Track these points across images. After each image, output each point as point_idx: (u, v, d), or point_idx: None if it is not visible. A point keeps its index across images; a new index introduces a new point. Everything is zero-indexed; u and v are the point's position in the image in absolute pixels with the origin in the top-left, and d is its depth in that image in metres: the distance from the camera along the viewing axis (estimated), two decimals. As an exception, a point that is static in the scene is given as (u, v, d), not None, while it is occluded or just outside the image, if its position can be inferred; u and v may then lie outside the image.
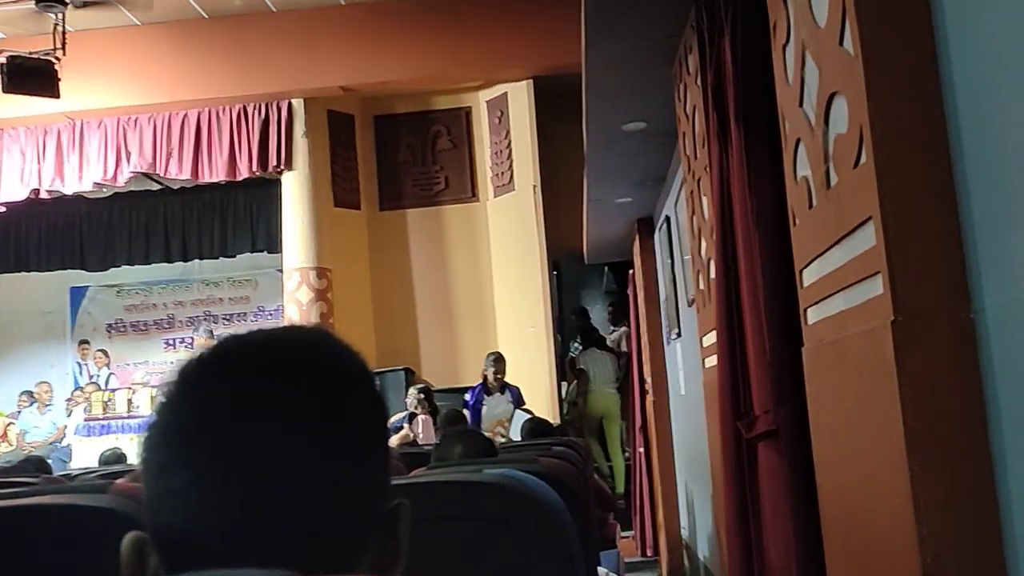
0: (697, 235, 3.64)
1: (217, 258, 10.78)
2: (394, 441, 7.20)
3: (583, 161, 8.03)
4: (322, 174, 8.66)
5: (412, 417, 7.35)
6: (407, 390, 7.98)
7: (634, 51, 3.55)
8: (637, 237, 6.70)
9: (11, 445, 9.15)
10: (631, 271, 7.92)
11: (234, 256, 10.50)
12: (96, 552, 1.32)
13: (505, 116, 8.82)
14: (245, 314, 11.16)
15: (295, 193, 8.52)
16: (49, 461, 5.12)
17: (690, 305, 4.32)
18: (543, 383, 8.14)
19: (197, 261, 10.91)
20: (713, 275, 2.86)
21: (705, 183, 3.20)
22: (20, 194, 8.27)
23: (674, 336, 5.42)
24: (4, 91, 7.01)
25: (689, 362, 4.68)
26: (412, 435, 7.29)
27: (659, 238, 6.10)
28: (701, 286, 3.64)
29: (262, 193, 9.77)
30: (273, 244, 9.79)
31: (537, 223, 8.42)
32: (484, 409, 6.62)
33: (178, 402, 0.71)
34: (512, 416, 6.26)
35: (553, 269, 9.27)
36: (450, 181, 9.14)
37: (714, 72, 2.67)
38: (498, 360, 6.85)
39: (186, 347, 10.88)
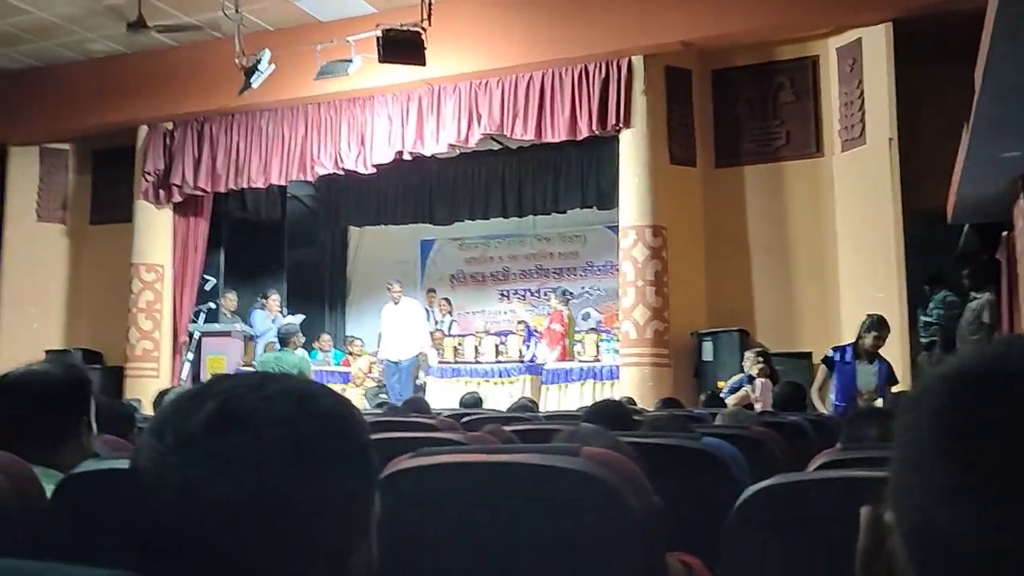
0: None
1: (549, 214, 11.18)
2: (731, 401, 7.05)
3: (948, 111, 7.32)
4: (658, 131, 8.55)
5: (751, 379, 7.16)
6: (741, 352, 7.85)
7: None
8: (1022, 194, 5.91)
9: (374, 381, 10.18)
10: (1004, 233, 7.04)
11: (565, 212, 10.83)
12: (567, 513, 1.38)
13: (858, 64, 8.15)
14: (575, 269, 11.56)
15: (631, 151, 8.50)
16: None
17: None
18: (895, 355, 7.49)
19: (531, 216, 11.40)
20: None
21: None
22: (387, 156, 9.03)
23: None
24: (380, 61, 7.62)
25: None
26: (751, 398, 7.10)
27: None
28: None
29: (594, 151, 9.92)
30: (603, 200, 9.97)
31: (892, 179, 7.73)
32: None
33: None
34: (875, 391, 5.71)
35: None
36: (792, 136, 8.65)
37: None
38: (881, 325, 5.82)
39: (519, 298, 11.44)
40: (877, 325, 5.74)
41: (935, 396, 0.58)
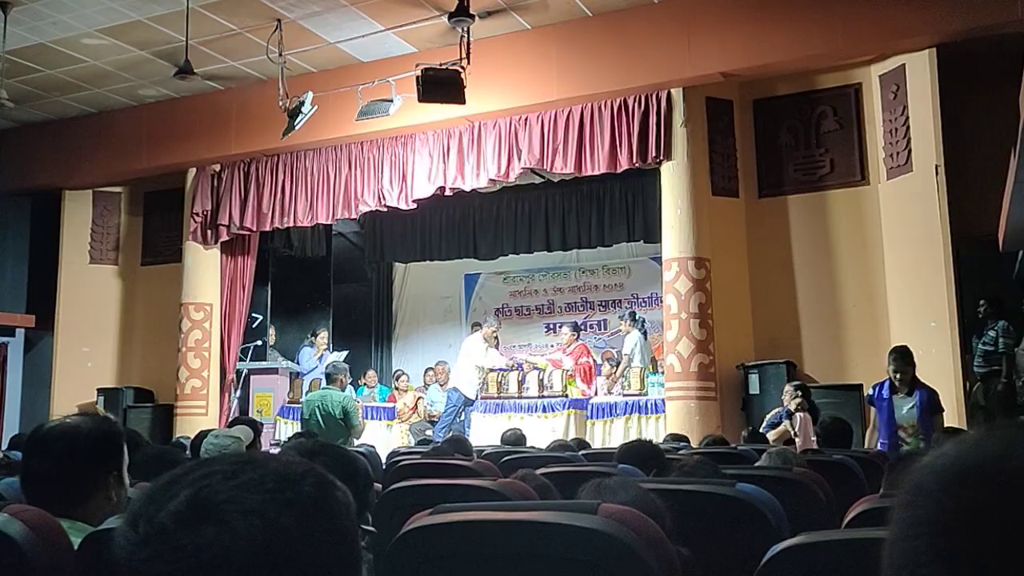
0: None
1: (594, 247, 11.18)
2: (771, 437, 6.93)
3: (996, 135, 7.17)
4: (700, 162, 8.50)
5: (790, 414, 7.01)
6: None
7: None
8: (1075, 222, 5.74)
9: (419, 416, 10.18)
10: (1060, 260, 6.84)
11: (610, 245, 10.84)
12: (584, 572, 1.35)
13: (901, 91, 8.03)
14: (620, 301, 11.49)
15: (673, 183, 8.44)
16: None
17: None
18: (948, 385, 7.31)
19: (575, 250, 11.40)
20: None
21: None
22: (428, 191, 9.11)
23: None
24: (420, 101, 7.70)
25: None
26: (791, 432, 6.96)
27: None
28: None
29: (637, 182, 9.91)
30: (649, 233, 9.90)
31: (940, 206, 7.56)
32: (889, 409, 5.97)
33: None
34: (916, 422, 5.60)
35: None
36: (836, 164, 8.54)
37: None
38: (897, 357, 6.06)
39: (567, 328, 11.46)
40: (895, 357, 5.70)
41: (933, 496, 0.55)
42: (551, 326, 11.90)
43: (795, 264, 8.48)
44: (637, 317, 9.84)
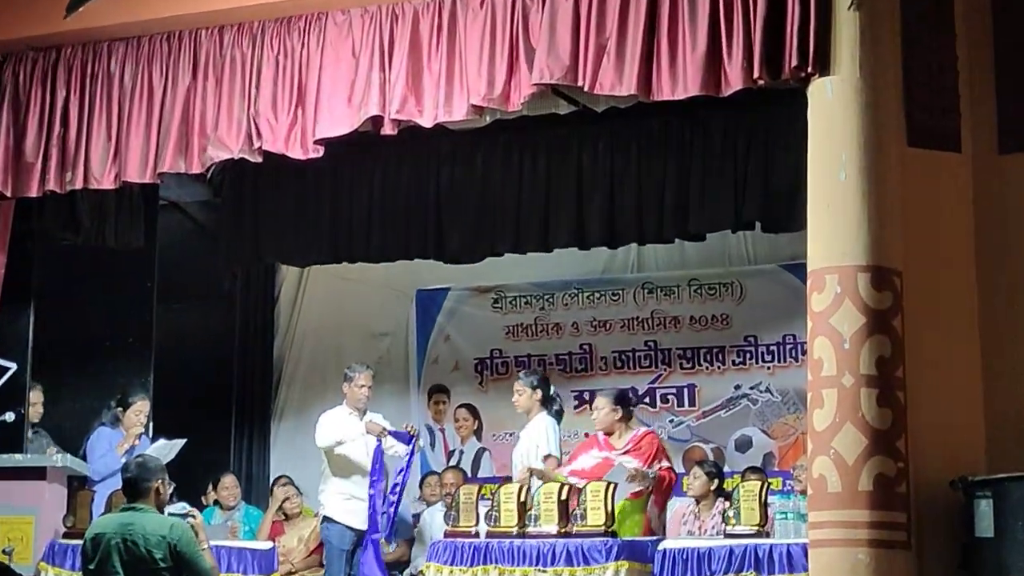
0: None
1: (670, 241, 8.47)
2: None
3: None
4: (886, 83, 5.55)
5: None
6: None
7: None
8: None
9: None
10: None
11: (702, 238, 7.82)
12: None
13: None
14: (720, 351, 8.32)
15: (830, 121, 5.59)
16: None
17: None
18: None
19: (634, 246, 8.50)
20: None
21: None
22: (348, 125, 6.30)
23: None
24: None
25: None
26: None
27: None
28: None
29: (759, 121, 7.18)
30: (777, 217, 7.28)
31: None
32: None
33: None
34: None
35: None
36: None
37: None
38: None
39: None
40: None
41: None
42: (584, 396, 8.06)
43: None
44: (547, 387, 6.66)
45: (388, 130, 5.70)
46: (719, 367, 7.98)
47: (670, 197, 7.31)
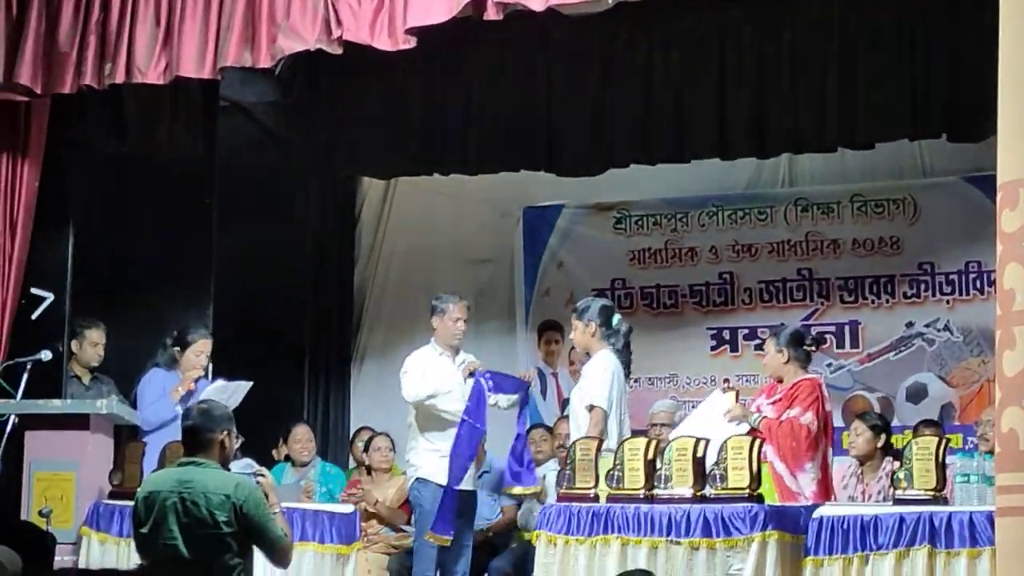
0: None
1: (831, 150, 7.59)
2: None
3: None
4: None
5: None
6: None
7: None
8: None
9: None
10: None
11: (869, 147, 6.68)
12: None
13: None
14: (888, 280, 7.48)
15: None
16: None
17: None
18: None
19: (786, 156, 7.81)
20: None
21: None
22: (445, 13, 5.66)
23: None
24: None
25: None
26: None
27: None
28: None
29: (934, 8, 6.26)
30: (961, 121, 6.30)
31: None
32: None
33: None
34: None
35: None
36: None
37: None
38: None
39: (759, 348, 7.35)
40: None
41: None
42: (724, 335, 7.45)
43: None
44: (615, 324, 5.79)
45: (492, 15, 4.92)
46: (887, 300, 7.09)
47: (832, 97, 6.31)
